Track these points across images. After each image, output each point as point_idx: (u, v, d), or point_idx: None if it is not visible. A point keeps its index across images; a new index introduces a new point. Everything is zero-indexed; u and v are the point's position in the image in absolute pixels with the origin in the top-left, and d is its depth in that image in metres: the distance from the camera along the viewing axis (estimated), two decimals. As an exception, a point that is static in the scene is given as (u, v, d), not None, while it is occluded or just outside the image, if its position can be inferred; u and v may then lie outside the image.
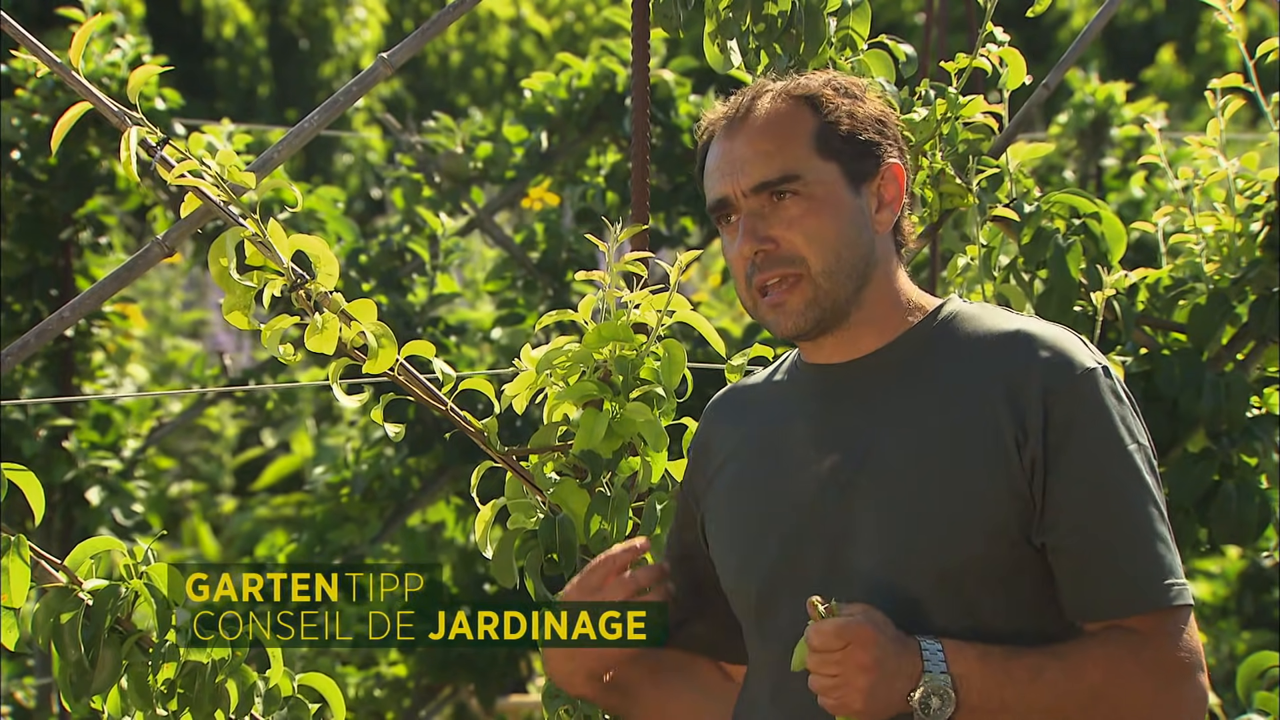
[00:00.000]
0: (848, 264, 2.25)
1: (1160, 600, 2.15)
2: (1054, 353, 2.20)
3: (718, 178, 2.29)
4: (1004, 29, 3.18)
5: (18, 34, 2.74)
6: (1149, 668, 2.14)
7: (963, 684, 2.09)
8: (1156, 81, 15.22)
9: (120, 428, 5.76)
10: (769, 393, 2.38)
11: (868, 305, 2.28)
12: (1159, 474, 2.22)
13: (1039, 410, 2.16)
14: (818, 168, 2.25)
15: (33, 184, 5.53)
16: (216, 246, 2.62)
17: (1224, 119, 3.55)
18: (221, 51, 15.73)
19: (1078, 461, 2.16)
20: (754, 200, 2.26)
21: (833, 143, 2.26)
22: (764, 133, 2.27)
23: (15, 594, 2.55)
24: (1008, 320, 2.26)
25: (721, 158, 2.29)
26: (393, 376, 2.70)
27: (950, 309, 2.30)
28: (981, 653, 2.11)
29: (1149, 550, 2.16)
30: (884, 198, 2.29)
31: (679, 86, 5.86)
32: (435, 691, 5.95)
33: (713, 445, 2.41)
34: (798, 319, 2.25)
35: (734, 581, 2.31)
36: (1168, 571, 2.16)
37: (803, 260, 2.24)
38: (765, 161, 2.25)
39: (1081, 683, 2.12)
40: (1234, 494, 3.46)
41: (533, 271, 5.89)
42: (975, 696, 2.09)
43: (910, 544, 2.17)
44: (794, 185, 2.24)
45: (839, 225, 2.25)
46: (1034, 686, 2.11)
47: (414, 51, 2.97)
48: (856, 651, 2.06)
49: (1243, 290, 3.49)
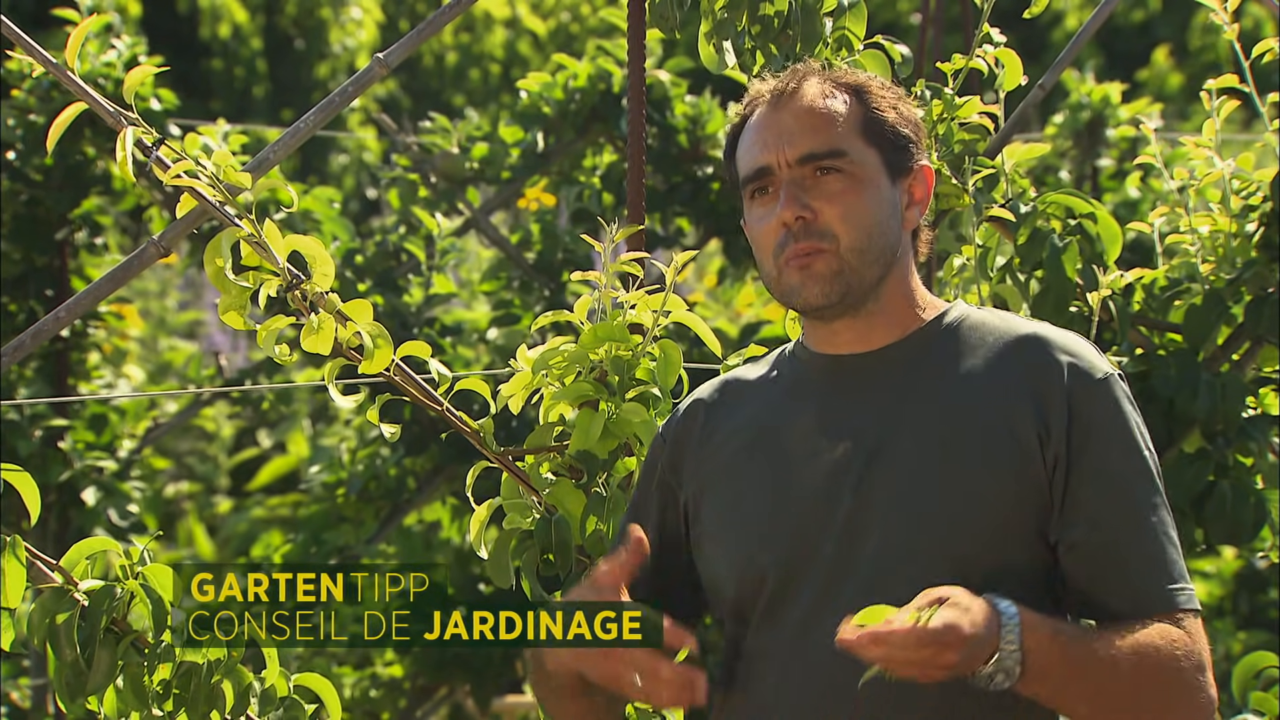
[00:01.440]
0: (877, 247, 2.28)
1: (1173, 603, 2.18)
2: (1075, 356, 2.25)
3: (760, 148, 2.31)
4: (999, 29, 3.18)
5: (13, 34, 2.74)
6: (1177, 664, 2.16)
7: (1030, 659, 2.07)
8: (1152, 82, 15.23)
9: (116, 428, 5.76)
10: (767, 384, 2.39)
11: (884, 297, 2.31)
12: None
13: (1063, 410, 2.20)
14: (862, 150, 2.29)
15: (28, 184, 5.53)
16: (212, 247, 2.62)
17: (1219, 119, 3.55)
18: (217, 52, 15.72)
19: (1098, 462, 2.20)
20: (797, 170, 2.28)
21: (877, 130, 2.31)
22: (813, 110, 2.31)
23: (11, 594, 2.55)
24: (1021, 324, 2.30)
25: (766, 129, 2.32)
26: (388, 377, 2.70)
27: (960, 310, 2.34)
28: (1054, 630, 2.10)
29: (1163, 554, 2.20)
30: (914, 196, 2.34)
31: (675, 87, 5.86)
32: (431, 692, 5.95)
33: (705, 434, 2.39)
34: (824, 286, 2.27)
35: (741, 569, 2.30)
36: (1179, 575, 2.20)
37: (835, 237, 2.26)
38: (814, 135, 2.28)
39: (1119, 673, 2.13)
40: (1229, 494, 3.46)
41: (529, 272, 5.89)
42: (1035, 674, 2.08)
43: (922, 535, 2.18)
44: (839, 162, 2.28)
45: (874, 208, 2.29)
46: (1090, 669, 2.12)
47: (409, 52, 2.97)
48: (946, 654, 2.03)
49: (1238, 291, 3.49)
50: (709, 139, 5.89)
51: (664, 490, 2.42)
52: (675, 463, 2.41)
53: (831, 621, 2.20)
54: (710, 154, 5.89)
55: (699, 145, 5.89)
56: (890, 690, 2.18)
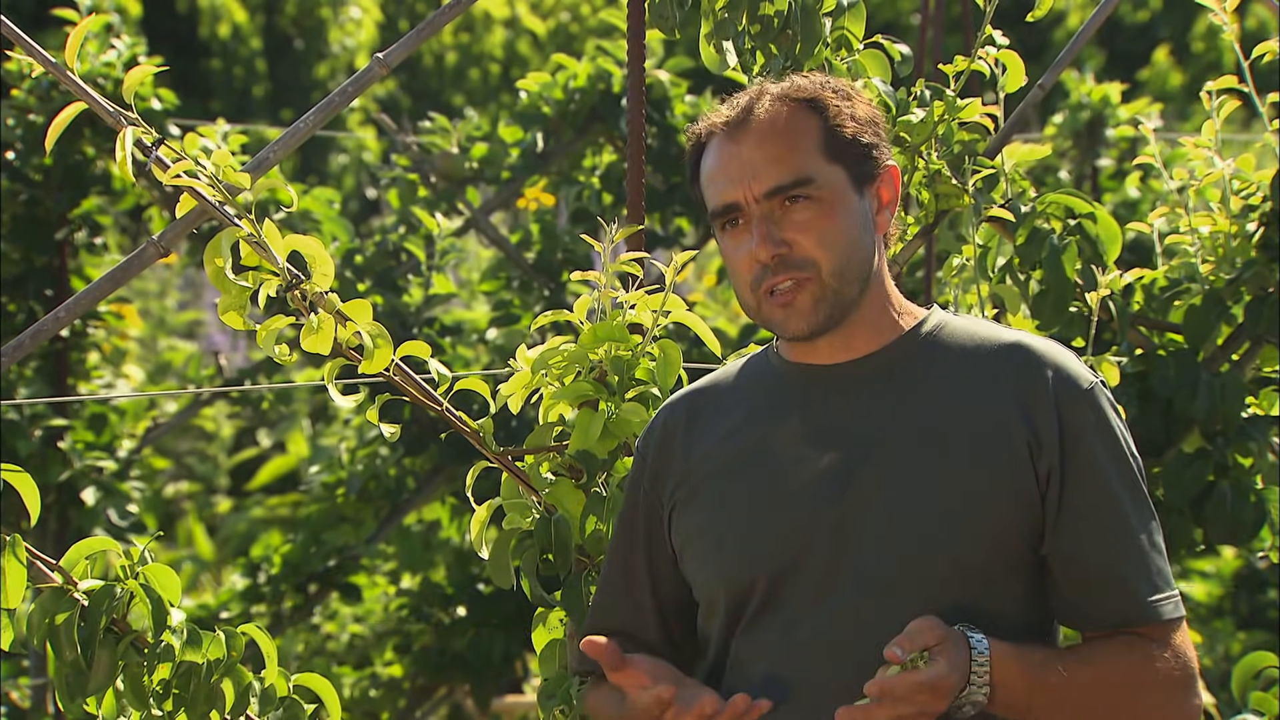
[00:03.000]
0: (855, 265, 2.27)
1: (1161, 613, 2.20)
2: (1060, 366, 2.25)
3: (725, 183, 2.28)
4: (1000, 29, 3.18)
5: (13, 34, 2.74)
6: (1160, 676, 2.19)
7: (999, 692, 2.13)
8: (1152, 82, 15.23)
9: (115, 428, 5.76)
10: (746, 393, 2.38)
11: (865, 306, 2.30)
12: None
13: (1053, 420, 2.21)
14: (826, 171, 2.27)
15: (28, 184, 5.53)
16: (212, 247, 2.62)
17: (1219, 120, 3.55)
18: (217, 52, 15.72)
19: (1087, 471, 2.21)
20: (766, 205, 2.26)
21: (838, 146, 2.28)
22: (771, 137, 2.27)
23: (11, 594, 2.55)
24: (1003, 331, 2.31)
25: (727, 162, 2.28)
26: (388, 377, 2.70)
27: (939, 317, 2.34)
28: (1024, 662, 2.14)
29: (1151, 563, 2.22)
30: (883, 199, 2.32)
31: (674, 87, 5.86)
32: (430, 692, 5.95)
33: (687, 444, 2.39)
34: (808, 318, 2.26)
35: (731, 577, 2.30)
36: (1167, 584, 2.22)
37: (814, 264, 2.25)
38: (777, 166, 2.25)
39: (1104, 688, 2.17)
40: (1229, 494, 3.46)
41: (528, 272, 5.89)
42: (1002, 704, 2.14)
43: (909, 541, 2.19)
44: (807, 189, 2.25)
45: (847, 227, 2.27)
46: (1063, 692, 2.15)
47: (409, 52, 2.97)
48: (936, 701, 2.09)
49: (1238, 291, 3.49)
50: (709, 139, 5.87)
51: (649, 508, 2.41)
52: (658, 476, 2.40)
53: (821, 623, 2.21)
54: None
55: (699, 145, 5.87)
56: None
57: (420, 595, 5.92)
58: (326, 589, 5.67)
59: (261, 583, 5.64)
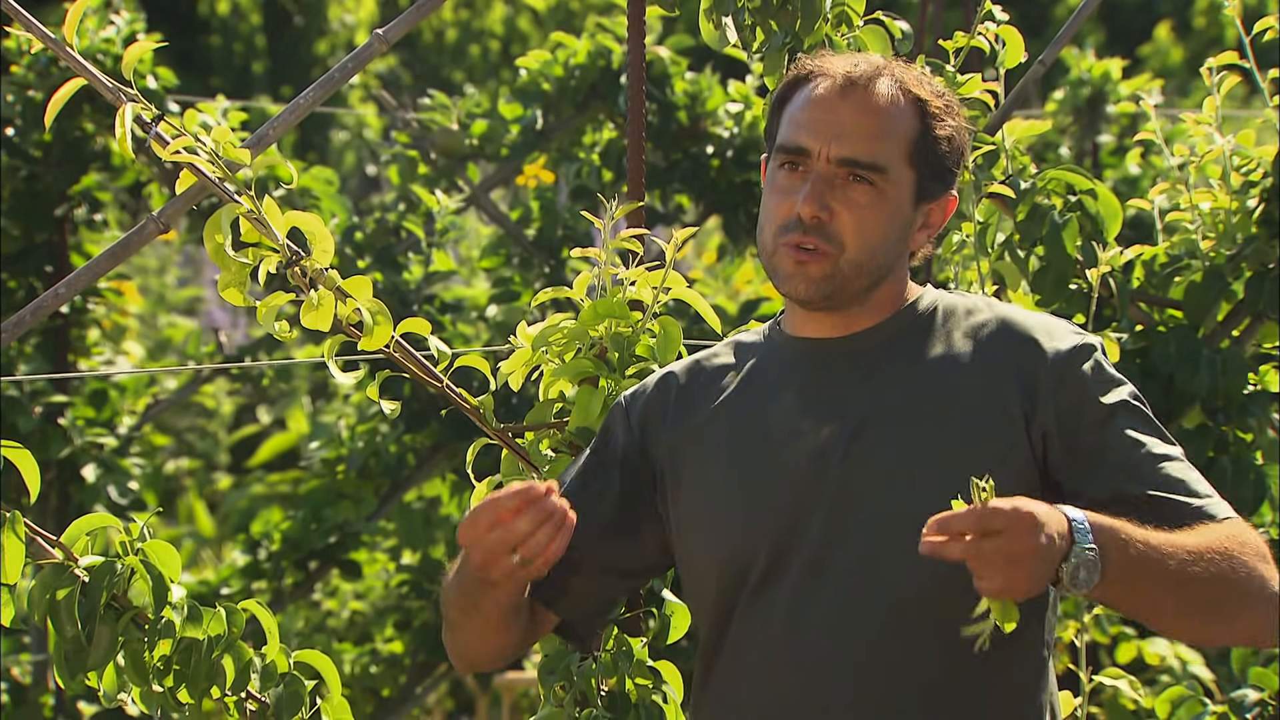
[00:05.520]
0: (875, 265, 2.30)
1: (1216, 512, 2.20)
2: (1052, 333, 2.29)
3: (809, 129, 2.30)
4: (1000, 5, 3.17)
5: (12, 10, 2.74)
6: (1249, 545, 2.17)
7: (1106, 555, 2.05)
8: (1153, 58, 15.20)
9: (116, 404, 5.76)
10: (743, 367, 2.39)
11: (871, 302, 2.34)
12: None
13: (1049, 384, 2.24)
14: (901, 171, 2.30)
15: (28, 160, 5.52)
16: (212, 223, 2.62)
17: (1220, 96, 3.55)
18: (216, 28, 15.70)
19: (1095, 418, 2.23)
20: (832, 168, 2.28)
21: (923, 156, 2.31)
22: (874, 113, 2.29)
23: (11, 570, 2.55)
24: (998, 306, 2.34)
25: (822, 111, 2.30)
26: (388, 353, 2.70)
27: (933, 295, 2.37)
28: (1119, 525, 2.09)
29: (1189, 475, 2.24)
30: (930, 220, 2.36)
31: (674, 64, 5.84)
32: (431, 668, 5.95)
33: (679, 412, 2.39)
34: (812, 287, 2.28)
35: (729, 553, 2.30)
36: (1210, 492, 2.23)
37: (842, 245, 2.28)
38: (864, 141, 2.28)
39: (1206, 556, 2.13)
40: (1229, 470, 3.47)
41: (528, 249, 5.88)
42: (1115, 569, 2.06)
43: (908, 510, 2.18)
44: (875, 176, 2.28)
45: (888, 229, 2.30)
46: (1169, 558, 2.10)
47: (409, 28, 2.97)
48: (1024, 535, 1.98)
49: (1239, 267, 3.49)
50: (709, 116, 5.88)
51: (626, 465, 2.41)
52: (645, 436, 2.41)
53: (820, 597, 2.22)
54: (710, 131, 5.87)
55: (699, 122, 5.87)
56: (887, 664, 2.18)
57: (421, 572, 5.93)
58: (327, 565, 5.67)
59: (262, 559, 5.64)
